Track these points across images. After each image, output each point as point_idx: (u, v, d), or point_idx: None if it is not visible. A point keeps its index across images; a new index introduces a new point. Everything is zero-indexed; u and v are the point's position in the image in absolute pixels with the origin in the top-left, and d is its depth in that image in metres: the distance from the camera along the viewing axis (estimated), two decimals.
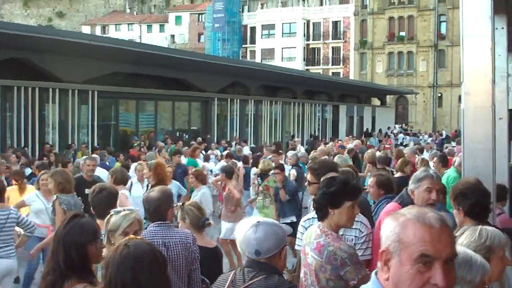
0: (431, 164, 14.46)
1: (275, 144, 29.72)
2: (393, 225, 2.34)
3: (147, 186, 12.03)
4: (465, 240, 3.84)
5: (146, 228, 5.80)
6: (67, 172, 9.98)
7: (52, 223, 9.34)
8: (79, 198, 9.57)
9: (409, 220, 2.30)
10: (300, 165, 16.89)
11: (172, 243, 5.64)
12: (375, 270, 2.47)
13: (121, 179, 10.72)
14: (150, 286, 3.31)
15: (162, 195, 6.00)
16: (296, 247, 6.04)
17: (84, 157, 15.49)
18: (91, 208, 6.90)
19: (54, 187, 9.36)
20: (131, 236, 3.71)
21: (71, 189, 9.37)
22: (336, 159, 16.01)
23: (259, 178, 14.49)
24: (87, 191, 10.52)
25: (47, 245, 9.21)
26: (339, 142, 31.91)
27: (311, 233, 4.83)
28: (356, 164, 16.88)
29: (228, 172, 13.35)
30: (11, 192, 11.30)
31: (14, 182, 12.56)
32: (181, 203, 6.70)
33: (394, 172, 12.43)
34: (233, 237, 12.26)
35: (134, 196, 11.61)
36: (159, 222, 5.78)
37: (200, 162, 19.76)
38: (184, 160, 20.16)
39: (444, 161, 13.77)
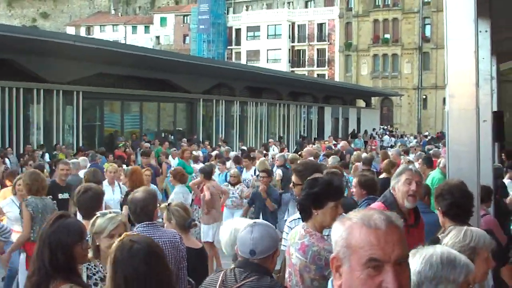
0: (416, 165, 14.54)
1: (264, 145, 29.75)
2: (340, 229, 2.29)
3: (122, 191, 11.75)
4: (450, 241, 3.87)
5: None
6: (37, 173, 9.65)
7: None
8: (54, 202, 9.46)
9: (355, 224, 2.25)
10: (288, 166, 16.96)
11: (161, 242, 5.64)
12: (331, 279, 2.43)
13: (93, 181, 10.36)
14: (163, 277, 3.40)
15: (148, 195, 6.02)
16: (282, 247, 6.08)
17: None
18: (77, 208, 6.87)
19: (23, 189, 9.28)
20: (127, 233, 3.73)
21: (41, 190, 9.15)
22: (330, 160, 16.16)
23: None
24: (60, 196, 10.51)
25: (16, 248, 9.15)
26: (326, 143, 32.04)
27: (295, 234, 4.85)
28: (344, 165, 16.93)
29: (207, 173, 13.38)
30: (7, 192, 11.14)
31: (8, 183, 12.30)
32: (167, 203, 6.71)
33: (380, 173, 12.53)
34: (209, 240, 12.30)
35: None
36: (146, 223, 5.78)
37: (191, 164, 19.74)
38: (173, 161, 20.24)
39: (429, 163, 13.86)
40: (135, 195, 6.07)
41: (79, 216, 6.76)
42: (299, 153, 21.45)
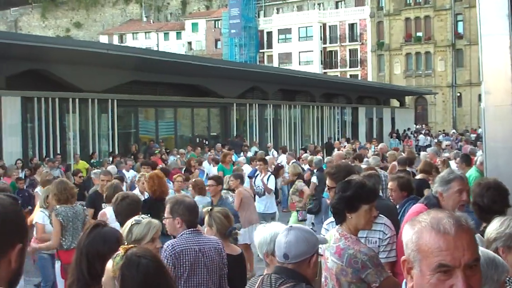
0: (453, 164, 14.38)
1: (281, 148, 29.75)
2: (410, 232, 2.29)
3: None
4: (489, 229, 3.91)
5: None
6: (65, 182, 9.75)
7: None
8: (85, 208, 9.52)
9: (424, 228, 2.24)
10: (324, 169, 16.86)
11: (207, 249, 5.70)
12: (404, 280, 2.42)
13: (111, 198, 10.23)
14: None
15: (194, 202, 6.08)
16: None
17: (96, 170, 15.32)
18: (115, 216, 6.89)
19: (52, 199, 9.34)
20: (124, 246, 3.70)
21: (71, 199, 9.25)
22: (371, 160, 16.04)
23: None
24: (103, 206, 10.53)
25: (42, 249, 9.30)
26: (357, 144, 31.90)
27: (330, 237, 4.82)
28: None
29: (241, 178, 13.47)
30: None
31: None
32: (209, 209, 6.71)
33: (416, 173, 12.39)
34: (246, 242, 12.26)
35: None
36: (191, 229, 5.81)
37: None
38: (207, 166, 20.30)
39: (468, 161, 13.66)
40: (187, 200, 6.12)
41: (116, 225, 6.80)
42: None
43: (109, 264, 3.65)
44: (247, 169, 19.22)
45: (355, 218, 4.73)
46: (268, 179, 15.17)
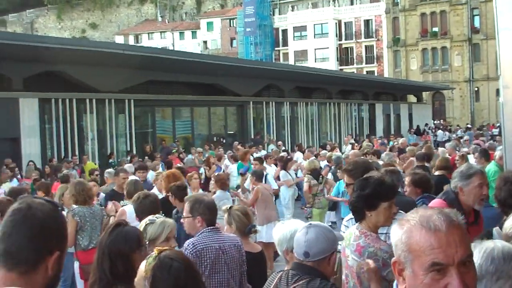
0: (471, 158, 14.31)
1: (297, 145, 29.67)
2: (399, 232, 2.22)
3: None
4: (507, 224, 3.85)
5: None
6: (82, 183, 9.77)
7: None
8: (103, 208, 9.54)
9: (414, 227, 2.17)
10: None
11: (227, 246, 5.72)
12: (395, 282, 2.38)
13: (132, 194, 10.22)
14: None
15: (213, 201, 6.11)
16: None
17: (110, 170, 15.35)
18: (136, 215, 6.91)
19: (69, 199, 9.37)
20: (159, 247, 3.71)
21: (88, 200, 9.27)
22: (383, 156, 16.00)
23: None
24: (122, 203, 10.54)
25: None
26: (375, 140, 31.77)
27: (350, 235, 4.80)
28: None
29: (258, 175, 13.47)
30: None
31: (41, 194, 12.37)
32: (228, 206, 6.72)
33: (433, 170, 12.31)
34: (262, 240, 12.26)
35: None
36: (211, 227, 5.83)
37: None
38: (228, 164, 20.33)
39: (486, 156, 13.57)
40: (206, 199, 6.14)
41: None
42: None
43: (142, 264, 3.68)
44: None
45: (374, 215, 4.70)
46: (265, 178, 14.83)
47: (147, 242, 5.01)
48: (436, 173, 11.60)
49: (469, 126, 56.72)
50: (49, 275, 2.38)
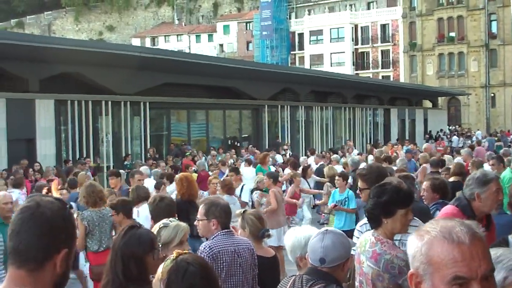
0: (487, 166, 14.23)
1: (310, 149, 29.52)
2: (418, 244, 2.13)
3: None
4: None
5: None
6: (93, 185, 9.82)
7: None
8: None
9: (435, 238, 2.09)
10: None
11: (241, 250, 5.74)
12: None
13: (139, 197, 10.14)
14: None
15: (228, 204, 6.11)
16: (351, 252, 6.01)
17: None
18: (151, 217, 6.92)
19: (82, 201, 9.41)
20: (178, 250, 3.71)
21: (99, 202, 9.32)
22: (398, 162, 15.95)
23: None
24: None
25: None
26: (389, 145, 31.68)
27: (365, 241, 4.76)
28: None
29: (275, 178, 13.51)
30: None
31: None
32: (242, 211, 6.73)
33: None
34: (273, 244, 12.24)
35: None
36: (226, 230, 5.85)
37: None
38: (244, 168, 20.31)
39: (503, 162, 13.50)
40: (222, 202, 6.16)
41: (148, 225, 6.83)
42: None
43: (161, 266, 3.68)
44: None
45: (391, 223, 4.67)
46: (241, 191, 14.43)
47: (161, 246, 5.01)
48: (451, 179, 11.56)
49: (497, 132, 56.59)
50: (58, 272, 2.41)
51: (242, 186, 14.40)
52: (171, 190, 14.51)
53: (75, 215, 9.07)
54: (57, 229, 2.42)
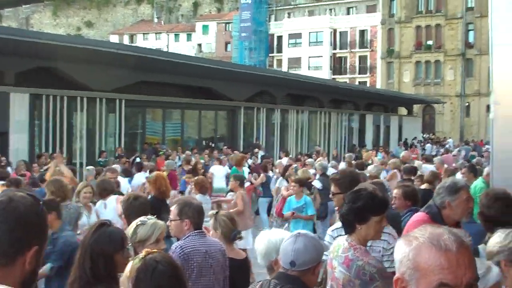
0: (459, 175, 14.33)
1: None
2: (406, 249, 2.16)
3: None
4: (492, 241, 3.88)
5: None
6: (59, 180, 9.70)
7: None
8: (81, 206, 9.50)
9: (423, 244, 2.12)
10: (328, 174, 16.94)
11: (213, 251, 5.73)
12: None
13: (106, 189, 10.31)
14: None
15: (202, 205, 6.09)
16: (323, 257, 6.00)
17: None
18: (124, 216, 6.85)
19: (49, 196, 9.29)
20: (147, 249, 3.67)
21: (65, 197, 9.18)
22: (371, 168, 16.01)
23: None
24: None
25: None
26: (364, 151, 31.78)
27: (338, 246, 4.75)
28: None
29: (242, 181, 13.53)
30: None
31: None
32: (215, 212, 6.70)
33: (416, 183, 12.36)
34: (240, 247, 12.22)
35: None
36: (198, 231, 5.83)
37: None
38: (222, 169, 20.30)
39: (475, 171, 13.61)
40: (195, 202, 6.13)
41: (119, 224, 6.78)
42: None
43: (129, 265, 3.64)
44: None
45: (364, 229, 4.67)
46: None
47: (137, 243, 4.98)
48: (422, 186, 11.66)
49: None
50: (27, 269, 2.36)
51: None
52: (126, 188, 14.44)
53: None
54: (30, 224, 2.37)
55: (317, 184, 15.50)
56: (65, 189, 9.29)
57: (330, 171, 17.10)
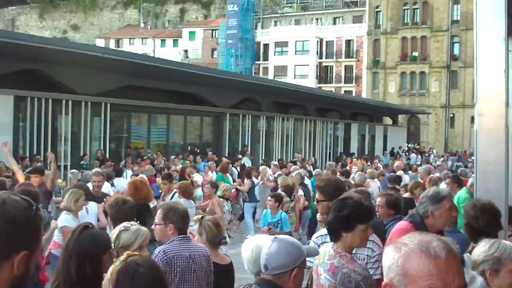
0: (443, 184, 14.42)
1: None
2: (395, 255, 2.17)
3: None
4: (476, 250, 3.89)
5: None
6: (27, 184, 9.60)
7: None
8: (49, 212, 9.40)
9: (413, 251, 2.13)
10: (306, 183, 17.15)
11: (197, 255, 5.73)
12: None
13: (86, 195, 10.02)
14: None
15: (187, 210, 6.11)
16: (309, 264, 6.01)
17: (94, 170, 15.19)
18: (110, 220, 6.83)
19: None
20: (129, 252, 3.67)
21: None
22: (356, 177, 16.13)
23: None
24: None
25: None
26: (348, 160, 31.88)
27: (324, 253, 4.76)
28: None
29: (217, 187, 13.60)
30: None
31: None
32: (200, 217, 6.71)
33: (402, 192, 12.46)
34: None
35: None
36: (182, 236, 5.83)
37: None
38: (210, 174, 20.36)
39: (458, 181, 13.69)
40: (180, 207, 6.16)
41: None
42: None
43: (111, 268, 3.63)
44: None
45: (350, 237, 4.68)
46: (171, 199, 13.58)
47: (120, 249, 4.97)
48: (405, 195, 11.75)
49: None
50: (15, 274, 2.35)
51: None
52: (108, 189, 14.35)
53: None
54: (19, 228, 2.34)
55: (301, 192, 15.59)
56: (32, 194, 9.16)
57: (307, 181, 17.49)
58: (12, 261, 2.33)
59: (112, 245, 4.88)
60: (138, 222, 5.78)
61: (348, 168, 26.10)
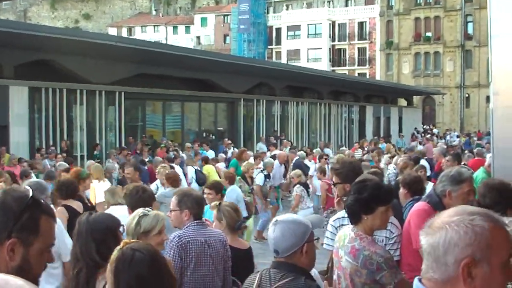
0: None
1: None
2: (468, 232, 2.19)
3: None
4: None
5: None
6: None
7: None
8: None
9: (490, 226, 2.21)
10: None
11: (212, 240, 5.74)
12: (418, 277, 2.33)
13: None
14: (167, 285, 3.31)
15: (202, 196, 6.13)
16: (325, 246, 6.00)
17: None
18: (128, 208, 6.82)
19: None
20: (125, 241, 3.65)
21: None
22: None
23: None
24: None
25: None
26: (366, 143, 31.79)
27: (344, 236, 4.75)
28: None
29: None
30: None
31: None
32: (218, 203, 6.72)
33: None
34: None
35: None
36: (198, 221, 5.85)
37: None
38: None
39: (459, 159, 13.78)
40: (195, 193, 6.22)
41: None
42: None
43: (111, 257, 3.63)
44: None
45: (370, 219, 4.67)
46: None
47: (142, 234, 5.01)
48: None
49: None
50: (12, 265, 2.33)
51: None
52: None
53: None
54: (10, 213, 2.36)
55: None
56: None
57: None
58: (3, 247, 2.34)
59: (133, 232, 4.93)
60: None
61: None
